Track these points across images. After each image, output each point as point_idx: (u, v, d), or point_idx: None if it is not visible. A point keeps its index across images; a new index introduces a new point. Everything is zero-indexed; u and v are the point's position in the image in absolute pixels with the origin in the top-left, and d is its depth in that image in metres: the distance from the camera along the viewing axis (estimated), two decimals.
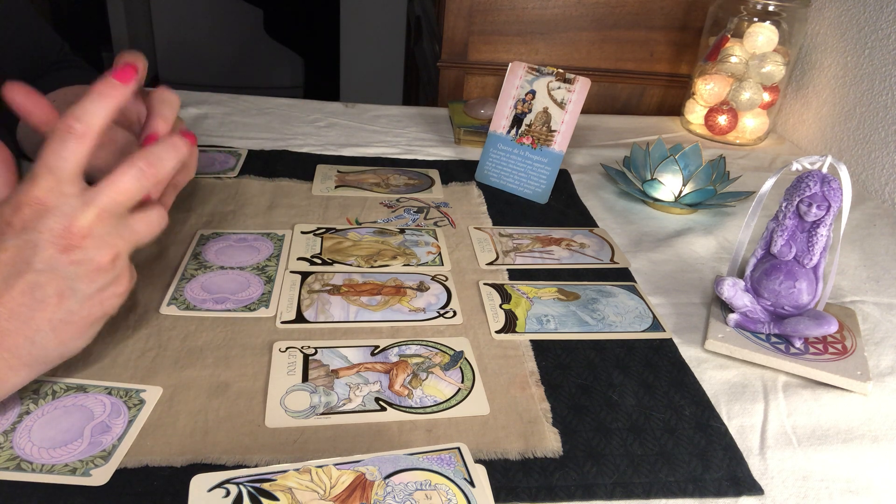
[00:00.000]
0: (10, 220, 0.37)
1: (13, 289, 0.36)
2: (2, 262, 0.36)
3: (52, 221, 0.37)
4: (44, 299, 0.37)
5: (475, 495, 0.35)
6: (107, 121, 0.39)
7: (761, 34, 0.97)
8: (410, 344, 0.51)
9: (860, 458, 0.45)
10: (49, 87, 0.66)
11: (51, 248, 0.37)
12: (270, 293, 0.55)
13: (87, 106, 0.38)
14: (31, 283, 0.37)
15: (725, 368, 0.53)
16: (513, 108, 0.78)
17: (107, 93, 0.39)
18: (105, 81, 0.39)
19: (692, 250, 0.70)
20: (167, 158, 0.41)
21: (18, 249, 0.36)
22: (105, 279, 0.39)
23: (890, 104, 0.88)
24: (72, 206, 0.37)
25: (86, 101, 0.38)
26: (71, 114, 0.38)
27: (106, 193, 0.38)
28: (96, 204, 0.38)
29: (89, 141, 0.38)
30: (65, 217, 0.37)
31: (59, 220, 0.37)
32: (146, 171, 0.39)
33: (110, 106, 0.39)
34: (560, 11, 1.14)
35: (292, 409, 0.44)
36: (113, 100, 0.39)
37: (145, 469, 0.39)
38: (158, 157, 0.40)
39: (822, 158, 0.53)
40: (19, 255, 0.36)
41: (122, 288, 0.41)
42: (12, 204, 0.37)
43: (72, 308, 0.38)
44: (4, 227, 0.37)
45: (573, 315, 0.56)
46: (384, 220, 0.69)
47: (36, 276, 0.37)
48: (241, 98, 1.01)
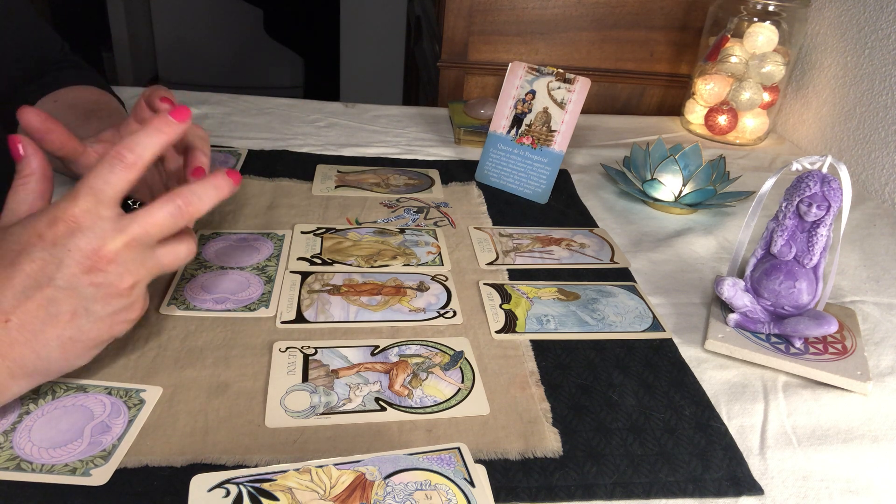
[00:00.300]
0: (42, 233, 0.37)
1: (31, 301, 0.37)
2: (26, 273, 0.37)
3: (82, 241, 0.37)
4: (57, 315, 0.38)
5: (475, 495, 0.35)
6: (156, 155, 0.40)
7: (761, 34, 0.97)
8: (410, 344, 0.51)
9: (860, 458, 0.45)
10: (49, 87, 0.66)
11: (75, 267, 0.37)
12: (270, 293, 0.55)
13: (142, 139, 0.39)
14: (49, 298, 0.37)
15: (725, 368, 0.53)
16: (513, 108, 0.78)
17: (162, 129, 0.40)
18: (162, 118, 0.40)
19: (692, 250, 0.70)
20: (206, 199, 0.41)
21: (44, 263, 0.37)
22: (120, 304, 0.40)
23: (890, 104, 0.88)
24: (104, 229, 0.38)
25: (142, 134, 0.39)
26: (125, 143, 0.39)
27: (139, 223, 0.39)
28: (128, 232, 0.39)
29: (136, 172, 0.39)
30: (96, 239, 0.38)
31: (90, 242, 0.38)
32: (183, 208, 0.40)
33: (163, 142, 0.40)
34: (560, 11, 1.14)
35: (292, 409, 0.44)
36: (166, 137, 0.40)
37: (145, 469, 0.39)
38: (198, 197, 0.41)
39: (822, 158, 0.53)
40: (44, 268, 0.37)
41: (134, 314, 0.41)
42: (48, 217, 0.38)
43: (82, 327, 0.39)
44: (35, 240, 0.37)
45: (573, 315, 0.56)
46: (384, 220, 0.69)
47: (55, 291, 0.37)
48: (241, 98, 1.01)
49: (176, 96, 0.51)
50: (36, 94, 0.65)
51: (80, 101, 0.65)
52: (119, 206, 0.39)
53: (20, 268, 0.37)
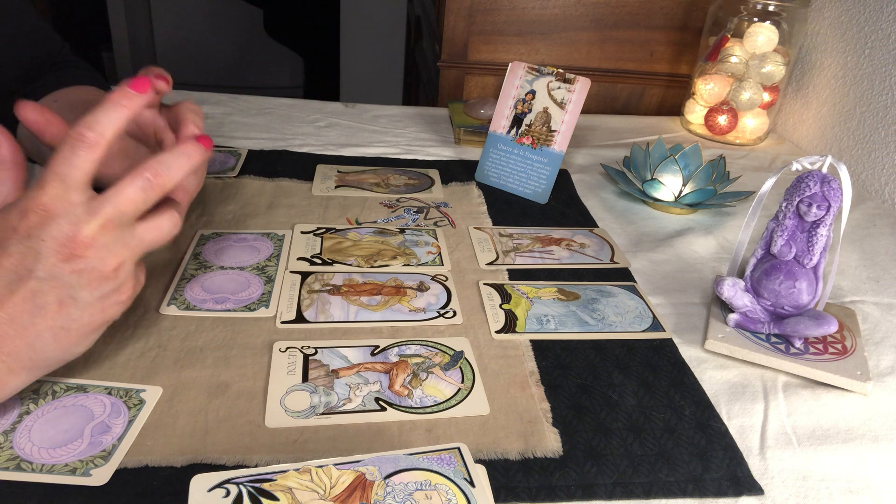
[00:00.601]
0: (15, 226, 0.37)
1: (15, 294, 0.37)
2: (5, 268, 0.37)
3: (55, 230, 0.37)
4: (44, 306, 0.37)
5: (475, 495, 0.35)
6: (119, 130, 0.39)
7: (761, 34, 0.97)
8: (410, 344, 0.51)
9: (860, 458, 0.45)
10: (49, 87, 0.66)
11: (53, 256, 0.37)
12: (270, 293, 0.55)
13: (100, 115, 0.38)
14: (33, 290, 0.37)
15: (725, 368, 0.53)
16: (513, 108, 0.78)
17: (121, 102, 0.39)
18: (120, 91, 0.39)
19: (692, 250, 0.70)
20: (176, 167, 0.40)
21: (22, 256, 0.37)
22: (107, 287, 0.39)
23: (890, 104, 0.88)
24: (76, 215, 0.37)
25: (99, 110, 0.38)
26: (83, 122, 0.38)
27: (111, 203, 0.38)
28: (101, 214, 0.38)
29: (100, 150, 0.38)
30: (69, 226, 0.37)
31: (63, 229, 0.37)
32: (152, 180, 0.39)
33: (123, 115, 0.39)
34: (560, 11, 1.14)
35: (292, 409, 0.44)
36: (126, 109, 0.39)
37: (145, 469, 0.39)
38: (167, 167, 0.40)
39: (822, 158, 0.53)
40: (22, 261, 0.37)
41: (124, 296, 0.41)
42: (19, 209, 0.37)
43: (72, 315, 0.38)
44: (10, 233, 0.37)
45: (573, 315, 0.56)
46: (384, 220, 0.69)
47: (37, 283, 0.37)
48: (241, 98, 1.01)
49: (175, 97, 0.51)
50: (36, 94, 0.65)
51: (80, 102, 0.65)
52: (89, 188, 0.38)
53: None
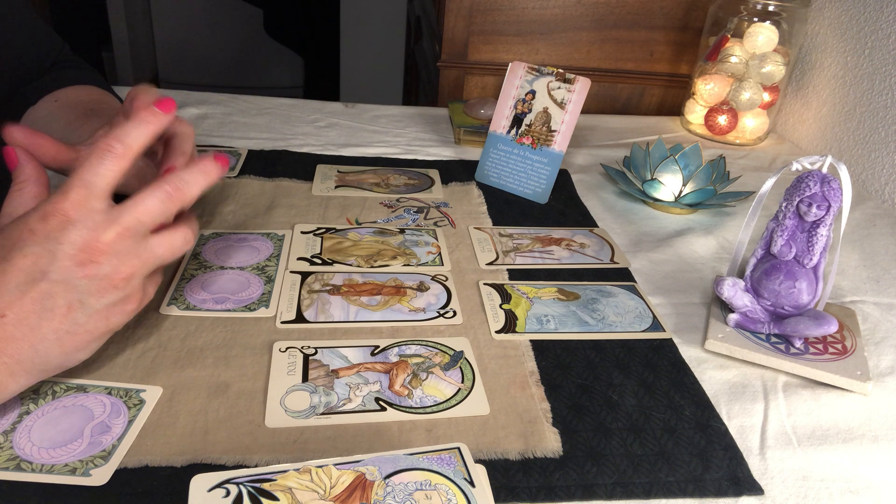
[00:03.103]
0: (34, 228, 0.38)
1: (26, 296, 0.37)
2: (19, 269, 0.37)
3: (74, 234, 0.38)
4: (52, 309, 0.38)
5: (475, 495, 0.35)
6: (145, 146, 0.41)
7: (761, 34, 0.97)
8: (410, 344, 0.51)
9: (860, 458, 0.45)
10: (50, 87, 0.66)
11: (69, 260, 0.38)
12: (270, 293, 0.55)
13: (130, 129, 0.40)
14: (44, 293, 0.37)
15: (725, 368, 0.53)
16: (513, 108, 0.78)
17: (149, 120, 0.41)
18: (149, 109, 0.41)
19: (692, 250, 0.70)
20: (195, 183, 0.42)
21: (37, 257, 0.37)
22: (115, 296, 0.40)
23: (890, 104, 0.88)
24: (96, 221, 0.38)
25: (129, 124, 0.40)
26: (113, 135, 0.40)
27: (130, 212, 0.39)
28: (120, 222, 0.39)
29: (126, 162, 0.40)
30: (88, 231, 0.38)
31: (82, 234, 0.38)
32: (172, 194, 0.41)
33: (150, 132, 0.41)
34: (560, 11, 1.14)
35: (292, 409, 0.44)
36: (153, 127, 0.41)
37: (145, 469, 0.39)
38: (186, 182, 0.42)
39: (822, 158, 0.53)
40: (37, 263, 0.37)
41: (130, 307, 0.41)
42: (40, 213, 0.38)
43: (78, 320, 0.39)
44: (28, 235, 0.38)
45: (573, 315, 0.56)
46: (384, 220, 0.69)
47: (49, 285, 0.37)
48: (241, 98, 1.01)
49: (175, 97, 0.51)
50: (36, 94, 0.65)
51: (80, 101, 0.65)
52: (110, 197, 0.40)
53: (13, 263, 0.37)
